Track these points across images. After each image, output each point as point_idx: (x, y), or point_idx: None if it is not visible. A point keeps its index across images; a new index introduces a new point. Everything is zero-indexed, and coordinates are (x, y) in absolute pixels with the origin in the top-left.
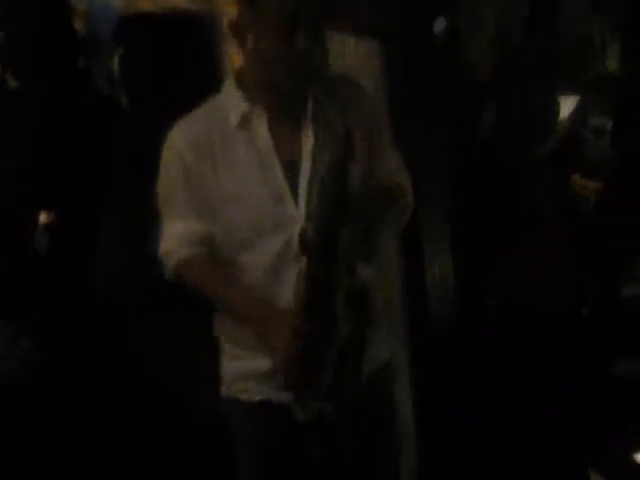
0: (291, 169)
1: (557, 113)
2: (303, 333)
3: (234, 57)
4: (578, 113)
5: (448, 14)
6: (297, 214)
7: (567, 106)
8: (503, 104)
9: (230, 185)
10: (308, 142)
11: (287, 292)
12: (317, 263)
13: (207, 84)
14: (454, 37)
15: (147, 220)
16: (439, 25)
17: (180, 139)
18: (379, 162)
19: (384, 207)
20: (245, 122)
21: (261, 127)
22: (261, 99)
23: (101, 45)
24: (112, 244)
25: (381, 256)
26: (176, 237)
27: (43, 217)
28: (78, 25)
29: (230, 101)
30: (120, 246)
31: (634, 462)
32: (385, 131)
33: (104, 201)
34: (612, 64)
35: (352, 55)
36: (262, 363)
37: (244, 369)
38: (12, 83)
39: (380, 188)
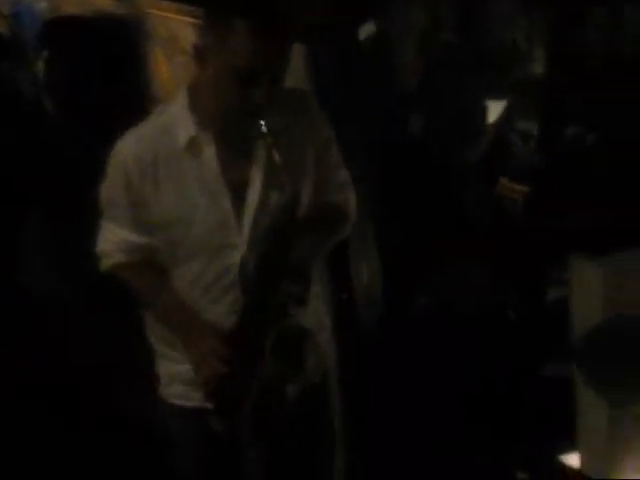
0: (238, 195)
1: (485, 116)
2: (227, 360)
3: (160, 64)
4: (505, 117)
5: (377, 17)
6: (240, 241)
7: (495, 110)
8: (432, 106)
9: (173, 206)
10: (257, 171)
11: (218, 314)
12: (253, 296)
13: (132, 88)
14: (383, 40)
15: (75, 219)
16: (368, 28)
17: (126, 152)
18: (330, 177)
19: (328, 230)
20: (193, 146)
21: (209, 152)
22: (211, 125)
23: (26, 49)
24: (39, 244)
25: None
26: (114, 242)
27: None
28: (3, 29)
29: (180, 121)
30: (47, 246)
31: (560, 463)
32: (335, 146)
33: (29, 202)
34: (538, 68)
35: None
36: (191, 369)
37: (176, 372)
38: None
39: (328, 208)
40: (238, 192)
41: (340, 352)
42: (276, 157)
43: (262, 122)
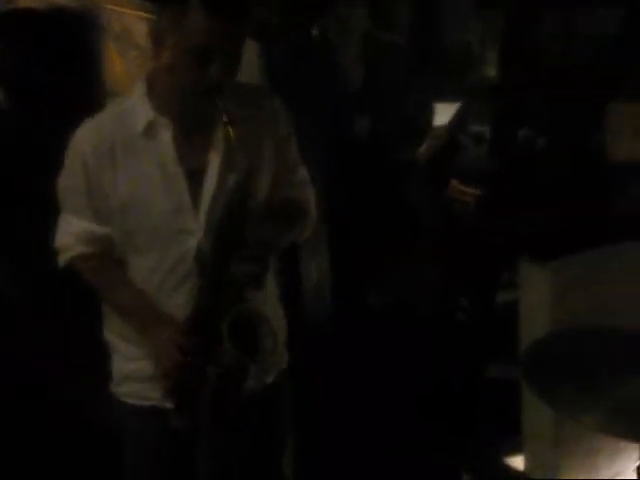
0: (195, 180)
1: (430, 117)
2: (185, 348)
3: (114, 58)
4: (458, 119)
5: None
6: (196, 226)
7: (447, 112)
8: (377, 106)
9: (130, 191)
10: (215, 156)
11: (178, 303)
12: (208, 282)
13: (84, 81)
14: (325, 40)
15: (30, 214)
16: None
17: (84, 141)
18: (290, 174)
19: (289, 223)
20: (150, 130)
21: (165, 137)
22: (169, 110)
23: None
24: None
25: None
26: (72, 234)
27: None
28: None
29: (138, 108)
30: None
31: (504, 464)
32: (293, 143)
33: None
34: (491, 70)
35: None
36: (148, 366)
37: (132, 369)
38: None
39: (288, 204)
40: (195, 177)
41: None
42: (233, 139)
43: (219, 102)
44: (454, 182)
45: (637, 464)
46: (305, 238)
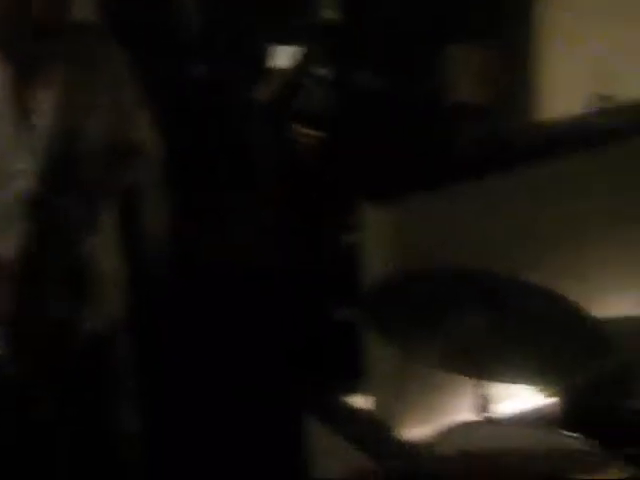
0: (29, 120)
1: (272, 59)
2: (17, 293)
3: None
4: (298, 61)
5: None
6: (29, 167)
7: (288, 55)
8: (218, 48)
9: None
10: (49, 96)
11: (8, 246)
12: (39, 225)
13: None
14: None
15: None
16: None
17: None
18: (130, 116)
19: (125, 164)
20: None
21: None
22: (1, 49)
23: None
24: None
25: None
26: None
27: None
28: None
29: None
30: None
31: (348, 404)
32: (131, 84)
33: None
34: (331, 13)
35: None
36: None
37: None
38: None
39: (125, 145)
40: (29, 117)
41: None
42: (66, 79)
43: (50, 42)
44: (296, 125)
45: (476, 401)
46: (145, 181)
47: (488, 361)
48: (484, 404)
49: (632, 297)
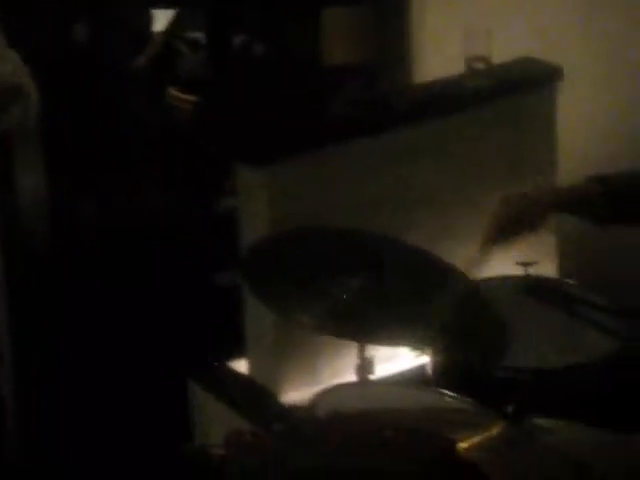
0: None
1: (150, 24)
2: None
3: None
4: (173, 25)
5: None
6: None
7: (162, 18)
8: (96, 12)
9: None
10: None
11: None
12: None
13: None
14: None
15: None
16: None
17: None
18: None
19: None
20: None
21: None
22: None
23: None
24: None
25: None
26: None
27: None
28: None
29: None
30: None
31: (229, 368)
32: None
33: None
34: None
35: None
36: None
37: None
38: None
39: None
40: None
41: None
42: None
43: None
44: (171, 89)
45: (356, 363)
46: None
47: (367, 323)
48: (365, 366)
49: (506, 258)
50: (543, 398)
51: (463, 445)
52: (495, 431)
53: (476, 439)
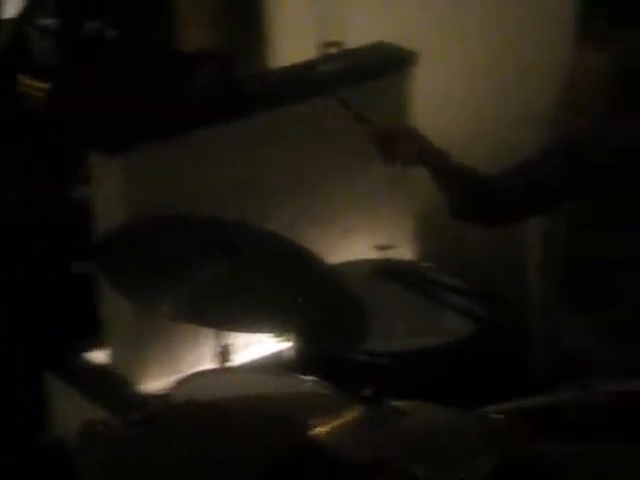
0: None
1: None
2: None
3: None
4: (23, 12)
5: None
6: None
7: (15, 4)
8: None
9: None
10: None
11: None
12: None
13: None
14: None
15: None
16: None
17: None
18: None
19: None
20: None
21: None
22: None
23: None
24: None
25: None
26: None
27: None
28: None
29: None
30: None
31: (87, 360)
32: None
33: None
34: None
35: None
36: None
37: None
38: None
39: None
40: None
41: None
42: None
43: None
44: (23, 77)
45: (215, 351)
46: None
47: (225, 310)
48: (224, 353)
49: (365, 242)
50: (400, 380)
51: (321, 429)
52: (353, 415)
53: (334, 423)
